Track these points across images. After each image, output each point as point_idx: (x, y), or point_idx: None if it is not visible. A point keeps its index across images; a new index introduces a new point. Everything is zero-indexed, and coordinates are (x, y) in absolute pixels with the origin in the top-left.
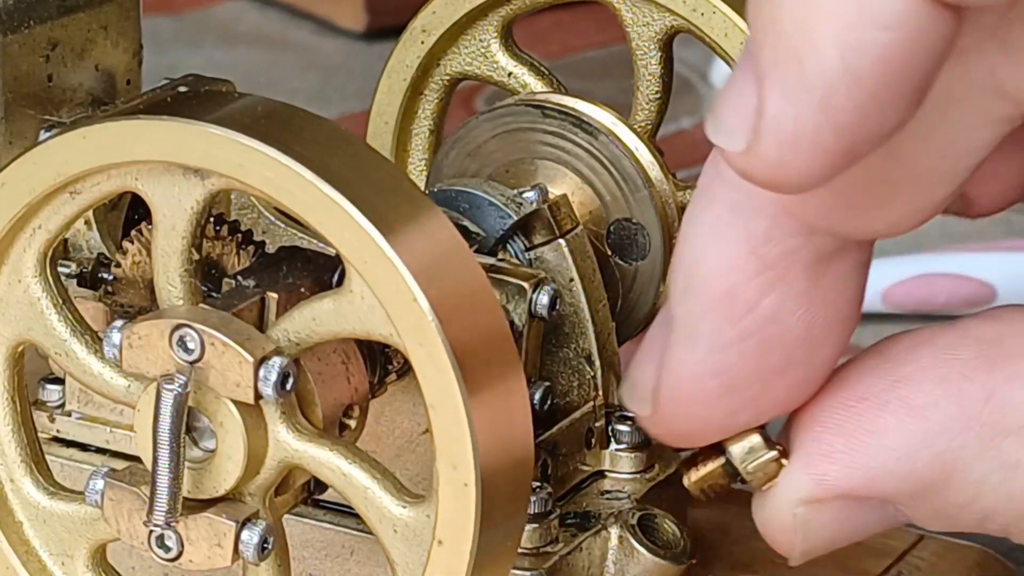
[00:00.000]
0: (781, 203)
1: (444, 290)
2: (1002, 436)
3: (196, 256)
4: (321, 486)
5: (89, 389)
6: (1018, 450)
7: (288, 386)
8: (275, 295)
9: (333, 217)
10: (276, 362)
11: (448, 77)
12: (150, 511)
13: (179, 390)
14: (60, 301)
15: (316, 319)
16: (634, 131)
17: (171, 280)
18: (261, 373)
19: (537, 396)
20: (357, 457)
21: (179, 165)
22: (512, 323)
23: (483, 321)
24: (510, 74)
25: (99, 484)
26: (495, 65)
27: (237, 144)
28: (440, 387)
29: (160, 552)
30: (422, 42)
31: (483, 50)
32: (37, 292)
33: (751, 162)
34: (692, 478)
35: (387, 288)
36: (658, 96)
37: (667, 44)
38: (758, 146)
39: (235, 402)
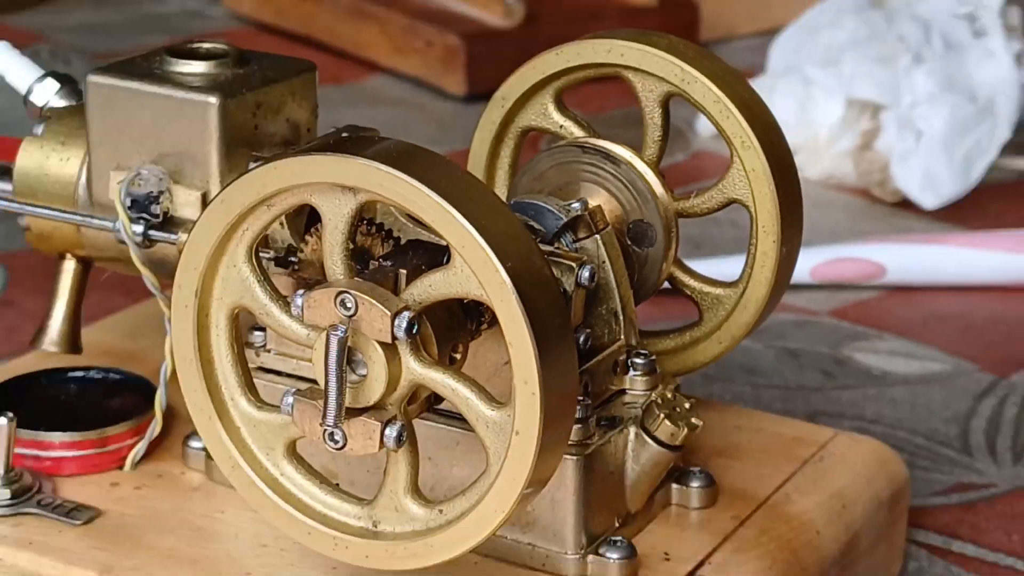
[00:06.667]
0: None
1: (516, 264)
2: None
3: (351, 246)
4: (438, 399)
5: (282, 336)
6: None
7: (414, 331)
8: (404, 271)
9: (442, 218)
10: (405, 315)
11: (520, 129)
12: (324, 416)
13: (341, 335)
14: (262, 278)
15: (432, 286)
16: (644, 161)
17: (335, 262)
18: (396, 322)
19: (581, 338)
20: (462, 378)
21: (339, 185)
22: (564, 290)
23: (542, 285)
24: (561, 126)
25: (290, 400)
26: (551, 120)
27: (379, 171)
28: (516, 330)
29: (331, 444)
30: (502, 106)
31: (543, 110)
32: (246, 272)
33: None
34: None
35: (478, 264)
36: (659, 139)
37: (665, 104)
38: None
39: (379, 343)
